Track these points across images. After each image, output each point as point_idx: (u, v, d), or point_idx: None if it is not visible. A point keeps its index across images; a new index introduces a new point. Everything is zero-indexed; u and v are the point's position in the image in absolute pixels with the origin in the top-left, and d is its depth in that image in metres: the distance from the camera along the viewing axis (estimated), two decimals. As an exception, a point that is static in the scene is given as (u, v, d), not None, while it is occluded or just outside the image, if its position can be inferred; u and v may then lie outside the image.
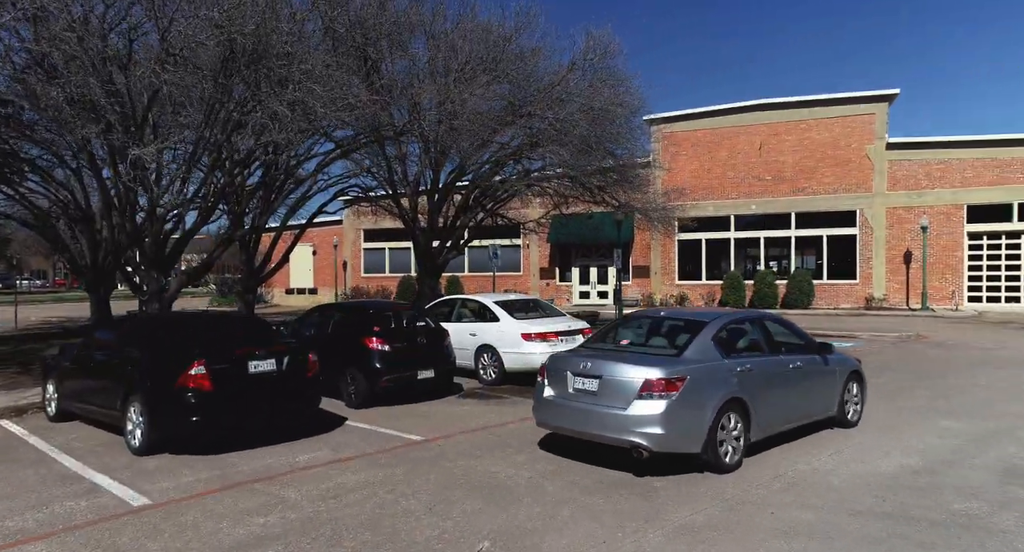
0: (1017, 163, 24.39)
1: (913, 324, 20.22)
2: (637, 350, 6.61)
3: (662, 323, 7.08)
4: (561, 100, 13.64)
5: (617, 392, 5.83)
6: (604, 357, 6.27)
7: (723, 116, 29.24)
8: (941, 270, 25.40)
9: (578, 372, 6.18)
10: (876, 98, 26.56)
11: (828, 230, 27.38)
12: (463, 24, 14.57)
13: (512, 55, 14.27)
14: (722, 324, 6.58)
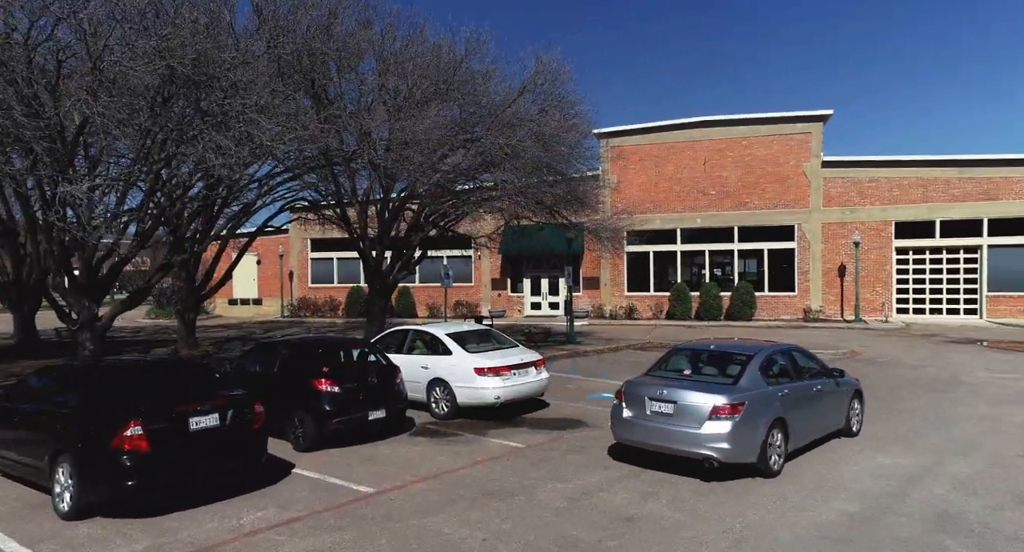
0: (939, 182, 25.97)
1: (847, 338, 21.22)
2: (700, 379, 7.94)
3: (712, 354, 8.40)
4: (512, 125, 13.67)
5: (691, 415, 7.25)
6: (675, 385, 7.60)
7: (670, 132, 29.98)
8: (872, 283, 26.78)
9: (654, 397, 7.55)
10: (811, 118, 27.79)
11: (769, 244, 28.45)
12: (412, 47, 14.41)
13: (462, 79, 14.22)
14: (765, 356, 8.00)
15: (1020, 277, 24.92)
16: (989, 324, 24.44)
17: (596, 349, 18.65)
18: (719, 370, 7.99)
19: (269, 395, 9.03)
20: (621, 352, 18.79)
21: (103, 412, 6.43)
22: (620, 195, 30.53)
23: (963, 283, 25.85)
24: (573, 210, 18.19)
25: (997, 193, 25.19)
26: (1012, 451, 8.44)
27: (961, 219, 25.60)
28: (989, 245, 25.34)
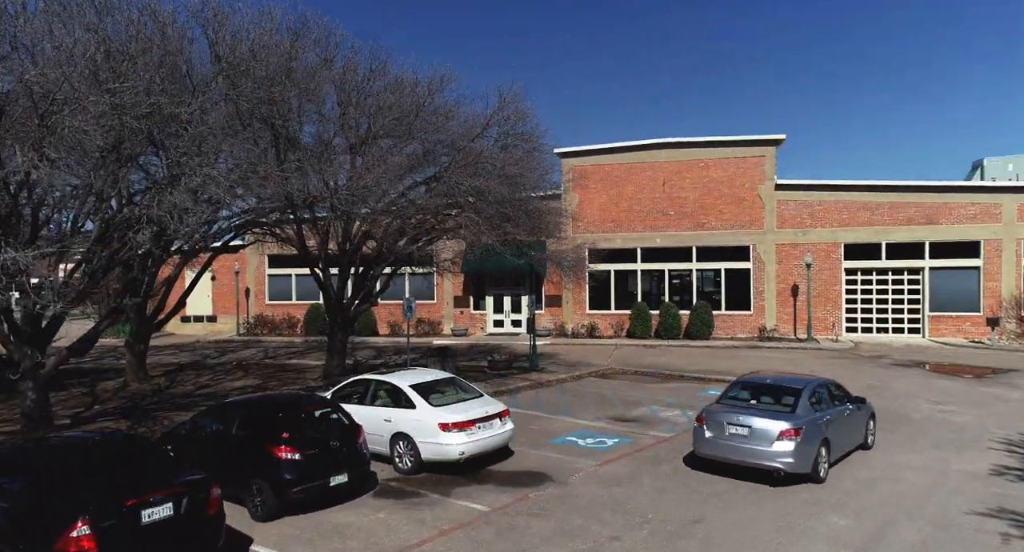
0: (885, 206, 27.10)
1: (799, 361, 21.88)
2: (765, 407, 10.07)
3: (769, 387, 10.61)
4: (477, 165, 13.65)
5: (763, 436, 9.50)
6: (748, 413, 9.86)
7: (630, 152, 30.41)
8: (823, 303, 27.73)
9: (732, 422, 9.77)
10: (766, 142, 28.61)
11: (726, 264, 29.15)
12: (374, 81, 14.24)
13: (426, 114, 14.11)
14: (811, 389, 10.28)
15: (958, 298, 26.21)
16: (931, 343, 25.61)
17: (559, 378, 18.74)
18: (775, 400, 10.21)
19: (226, 459, 8.77)
20: (583, 380, 18.94)
21: (46, 509, 6.10)
22: (582, 214, 30.85)
23: (907, 303, 27.03)
24: (537, 237, 18.27)
25: (937, 218, 26.43)
26: (960, 506, 8.83)
27: (905, 242, 26.76)
28: (930, 267, 26.56)
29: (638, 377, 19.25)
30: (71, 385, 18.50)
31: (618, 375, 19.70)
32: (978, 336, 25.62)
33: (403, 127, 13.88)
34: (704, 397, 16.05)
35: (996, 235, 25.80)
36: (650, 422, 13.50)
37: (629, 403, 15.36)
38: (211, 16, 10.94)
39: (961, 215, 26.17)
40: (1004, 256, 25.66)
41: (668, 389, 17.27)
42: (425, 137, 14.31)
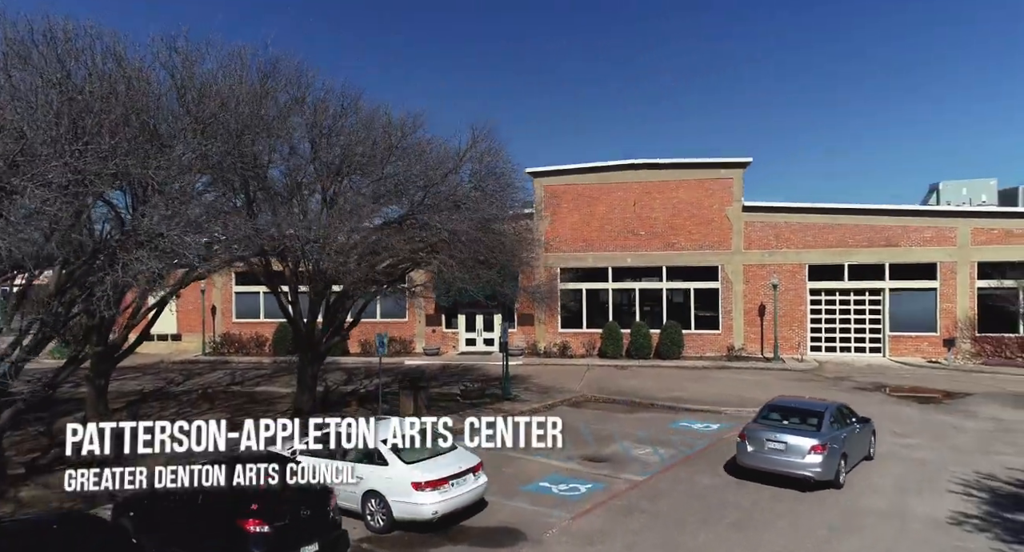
0: (847, 229, 27.86)
1: (768, 383, 22.31)
2: (795, 427, 12.19)
3: (796, 409, 12.77)
4: (452, 208, 13.61)
5: (796, 450, 11.63)
6: (783, 431, 12.03)
7: (601, 173, 30.68)
8: (789, 322, 28.37)
9: (770, 439, 11.93)
10: (733, 164, 29.17)
11: (695, 283, 29.61)
12: (345, 119, 14.09)
13: (399, 155, 14.01)
14: (831, 411, 12.48)
15: (916, 319, 27.09)
16: (892, 363, 26.41)
17: (532, 408, 18.75)
18: (802, 420, 12.37)
19: (187, 533, 8.54)
20: (556, 409, 19.00)
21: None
22: (554, 233, 30.99)
23: (868, 323, 27.83)
24: (510, 271, 18.31)
25: (896, 240, 27.29)
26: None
27: (866, 264, 27.56)
28: (890, 288, 27.41)
29: (610, 406, 19.40)
30: (27, 421, 17.80)
31: (590, 403, 19.82)
32: (935, 355, 26.52)
33: (375, 166, 13.75)
34: (675, 429, 16.27)
35: (951, 257, 26.75)
36: (622, 462, 13.61)
37: (601, 438, 15.47)
38: (180, 64, 10.68)
39: (919, 238, 27.07)
40: (959, 278, 26.62)
41: (639, 420, 17.45)
42: (397, 177, 14.20)
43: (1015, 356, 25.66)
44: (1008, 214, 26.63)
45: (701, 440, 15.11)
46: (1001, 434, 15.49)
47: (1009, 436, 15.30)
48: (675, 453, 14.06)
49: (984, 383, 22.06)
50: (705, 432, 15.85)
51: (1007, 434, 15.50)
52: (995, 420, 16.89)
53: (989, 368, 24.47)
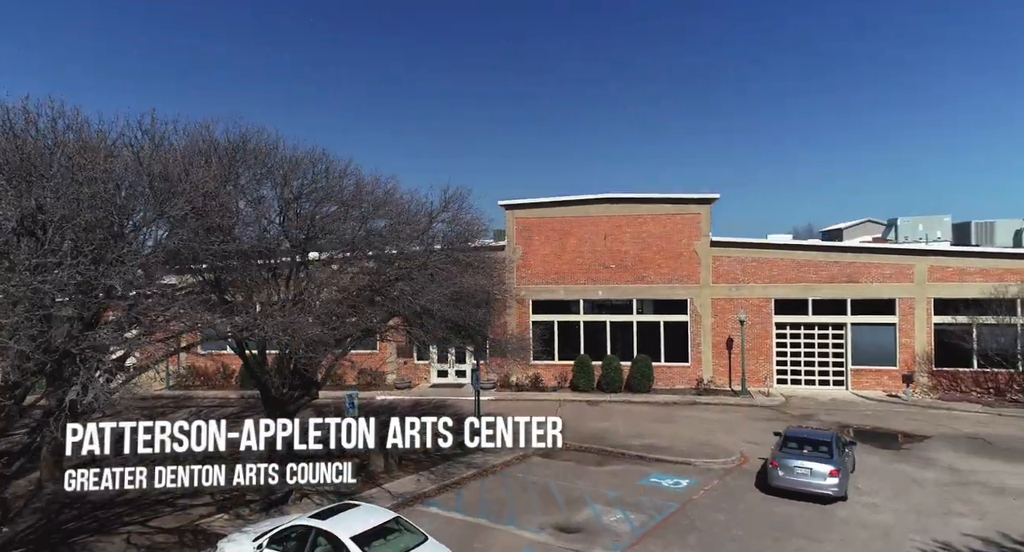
0: (810, 265, 28.55)
1: (735, 423, 22.68)
2: (814, 454, 15.42)
3: (809, 439, 16.18)
4: (423, 276, 13.53)
5: (819, 474, 14.96)
6: (806, 459, 15.26)
7: (573, 206, 30.89)
8: (756, 356, 28.92)
9: (796, 465, 15.20)
10: (700, 200, 29.66)
11: (665, 316, 29.98)
12: (316, 184, 13.91)
13: (373, 227, 13.89)
14: (835, 440, 16.10)
15: (877, 353, 27.90)
16: (854, 397, 27.12)
17: (504, 460, 18.73)
18: (814, 448, 15.62)
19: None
20: (528, 462, 19.00)
21: None
22: (526, 265, 31.11)
23: (832, 357, 28.55)
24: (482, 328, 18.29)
25: (858, 277, 28.07)
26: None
27: (829, 299, 28.29)
28: (852, 323, 28.17)
29: (581, 455, 19.47)
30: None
31: (561, 453, 19.81)
32: (895, 389, 27.33)
33: (346, 242, 13.64)
34: (645, 487, 16.41)
35: (909, 294, 27.63)
36: (594, 533, 13.66)
37: (572, 500, 15.52)
38: (148, 148, 10.39)
39: (878, 275, 27.89)
40: (917, 313, 27.51)
41: (610, 474, 17.55)
42: (371, 246, 14.08)
43: (969, 390, 26.61)
44: (962, 253, 27.63)
45: (671, 502, 15.27)
46: (958, 490, 16.02)
47: (965, 492, 15.84)
48: (646, 520, 14.17)
49: (941, 422, 22.80)
50: (675, 491, 16.03)
51: (963, 489, 16.04)
52: (952, 470, 17.46)
53: (945, 403, 25.31)
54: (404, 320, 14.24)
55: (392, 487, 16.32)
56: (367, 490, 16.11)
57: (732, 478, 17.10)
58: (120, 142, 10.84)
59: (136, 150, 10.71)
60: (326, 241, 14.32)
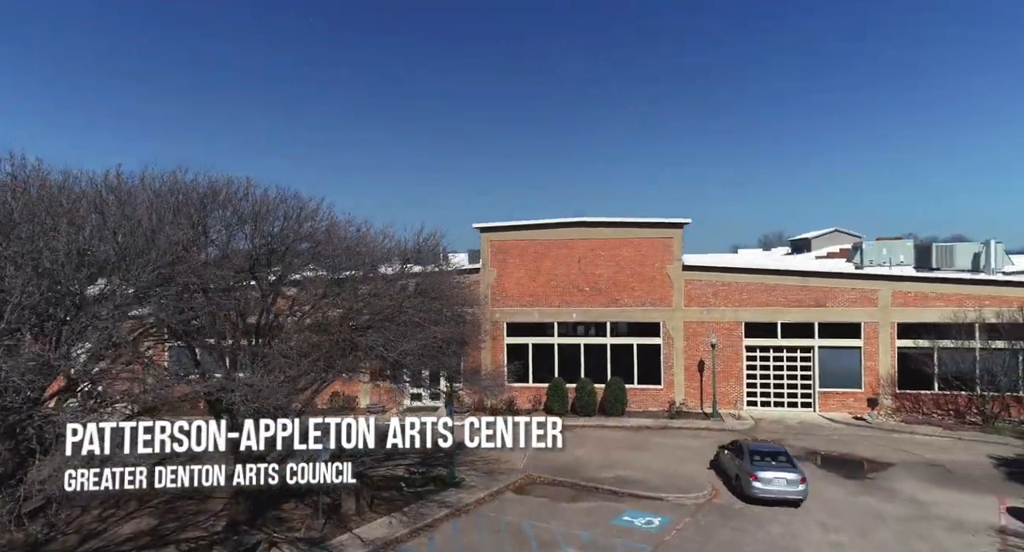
0: (780, 289, 29.10)
1: (705, 450, 22.94)
2: (782, 465, 17.97)
3: (771, 452, 18.68)
4: (395, 332, 13.47)
5: (791, 482, 17.49)
6: (780, 470, 17.73)
7: (547, 229, 31.03)
8: (727, 378, 29.36)
9: (773, 476, 17.55)
10: (672, 224, 30.04)
11: (638, 339, 30.27)
12: (287, 230, 13.74)
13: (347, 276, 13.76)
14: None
15: (843, 375, 28.57)
16: (821, 419, 27.70)
17: (477, 498, 18.67)
18: (775, 459, 18.22)
19: None
20: (501, 496, 19.00)
21: None
22: (501, 287, 31.14)
23: (800, 379, 29.13)
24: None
25: (825, 301, 28.70)
26: None
27: (797, 322, 28.87)
28: (819, 346, 28.79)
29: (554, 491, 19.51)
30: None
31: (535, 487, 19.89)
32: (860, 411, 27.99)
33: (317, 285, 13.47)
34: (618, 526, 16.51)
35: (874, 318, 28.35)
36: (567, 580, 13.68)
37: (545, 544, 15.54)
38: (116, 212, 10.11)
39: (844, 299, 28.56)
40: (881, 337, 28.23)
41: (584, 513, 17.63)
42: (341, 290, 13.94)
43: (931, 412, 27.39)
44: (923, 279, 28.45)
45: (644, 544, 15.39)
46: (920, 525, 16.47)
47: (927, 527, 16.30)
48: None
49: (903, 447, 23.41)
50: (647, 532, 16.15)
51: (925, 524, 16.50)
52: (914, 503, 17.95)
53: (908, 427, 26.01)
54: (377, 368, 14.13)
55: (363, 532, 16.14)
56: (338, 536, 15.92)
57: (703, 515, 17.31)
58: (84, 202, 10.56)
59: (101, 210, 10.44)
60: (296, 288, 14.13)
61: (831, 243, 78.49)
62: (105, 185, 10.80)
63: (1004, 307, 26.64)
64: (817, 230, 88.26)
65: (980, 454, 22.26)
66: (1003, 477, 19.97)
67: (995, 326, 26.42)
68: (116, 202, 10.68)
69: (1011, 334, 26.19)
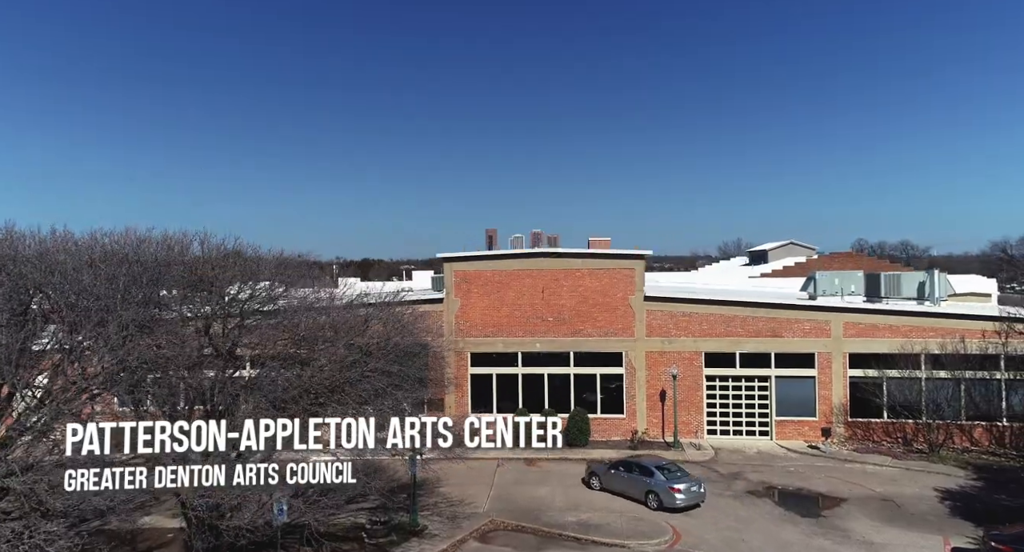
0: (738, 320, 29.75)
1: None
2: (686, 477, 21.51)
3: (637, 464, 22.29)
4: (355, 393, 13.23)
5: (697, 488, 21.35)
6: (687, 481, 21.25)
7: (511, 259, 31.05)
8: (688, 407, 29.83)
9: (686, 486, 21.03)
10: (634, 256, 30.43)
11: (601, 369, 30.50)
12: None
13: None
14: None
15: (799, 404, 29.36)
16: (779, 448, 28.38)
17: (440, 549, 18.47)
18: (679, 472, 21.68)
19: None
20: (465, 546, 18.82)
21: None
22: (464, 317, 30.97)
23: (758, 408, 29.81)
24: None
25: (781, 331, 29.47)
26: None
27: (755, 352, 29.55)
28: (776, 376, 29.53)
29: (518, 539, 19.42)
30: None
31: (498, 535, 19.79)
32: (815, 439, 28.78)
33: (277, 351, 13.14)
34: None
35: (827, 348, 29.24)
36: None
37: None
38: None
39: (799, 330, 29.38)
40: (834, 367, 29.14)
41: (548, 563, 17.62)
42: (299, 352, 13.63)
43: (881, 440, 28.39)
44: (873, 311, 29.49)
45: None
46: (871, 568, 17.00)
47: (877, 571, 16.83)
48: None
49: (856, 478, 24.17)
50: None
51: (875, 567, 17.04)
52: (866, 545, 18.52)
53: (860, 456, 26.87)
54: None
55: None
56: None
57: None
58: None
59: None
60: (255, 353, 13.78)
61: (787, 255, 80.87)
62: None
63: (947, 338, 27.81)
64: (774, 242, 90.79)
65: (927, 486, 23.13)
66: (948, 512, 20.79)
67: (939, 357, 27.55)
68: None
69: (953, 365, 27.35)
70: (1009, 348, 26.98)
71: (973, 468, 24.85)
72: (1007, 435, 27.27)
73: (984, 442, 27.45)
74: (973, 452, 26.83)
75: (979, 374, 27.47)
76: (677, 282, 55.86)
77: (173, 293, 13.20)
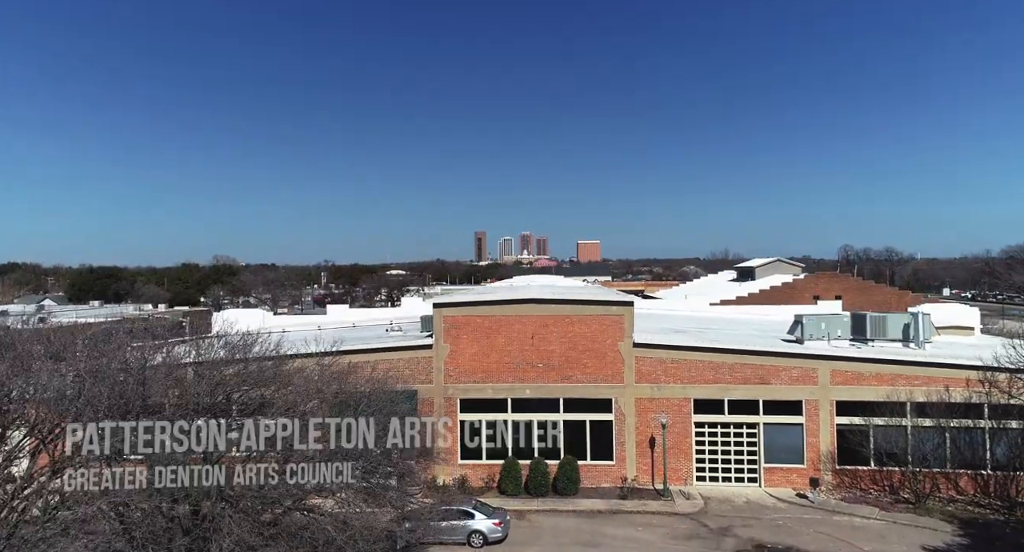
0: (726, 367, 29.87)
1: (655, 547, 23.25)
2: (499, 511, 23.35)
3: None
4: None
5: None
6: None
7: (501, 306, 31.01)
8: (677, 454, 29.87)
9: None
10: (623, 302, 30.52)
11: (591, 415, 30.48)
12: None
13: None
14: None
15: (787, 451, 29.50)
16: (768, 497, 28.47)
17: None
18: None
19: None
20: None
21: None
22: (453, 363, 30.85)
23: (747, 455, 29.91)
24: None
25: (768, 379, 29.63)
26: None
27: (743, 399, 29.68)
28: (764, 422, 29.66)
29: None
30: None
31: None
32: (803, 487, 28.89)
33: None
34: None
35: (814, 396, 29.44)
36: None
37: None
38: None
39: (787, 377, 29.55)
40: (821, 414, 29.33)
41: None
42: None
43: (868, 488, 28.58)
44: (859, 359, 29.72)
45: None
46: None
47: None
48: None
49: (844, 535, 24.29)
50: None
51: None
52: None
53: (847, 506, 27.03)
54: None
55: None
56: None
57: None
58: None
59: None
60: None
61: (774, 271, 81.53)
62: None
63: (932, 386, 28.10)
64: (762, 259, 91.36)
65: (914, 544, 23.29)
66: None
67: (924, 406, 27.82)
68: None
69: (938, 413, 27.63)
70: (992, 398, 27.29)
71: (959, 522, 25.08)
72: (991, 484, 27.55)
73: (969, 491, 27.71)
74: (959, 502, 27.08)
75: (963, 422, 27.76)
76: (664, 309, 56.08)
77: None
